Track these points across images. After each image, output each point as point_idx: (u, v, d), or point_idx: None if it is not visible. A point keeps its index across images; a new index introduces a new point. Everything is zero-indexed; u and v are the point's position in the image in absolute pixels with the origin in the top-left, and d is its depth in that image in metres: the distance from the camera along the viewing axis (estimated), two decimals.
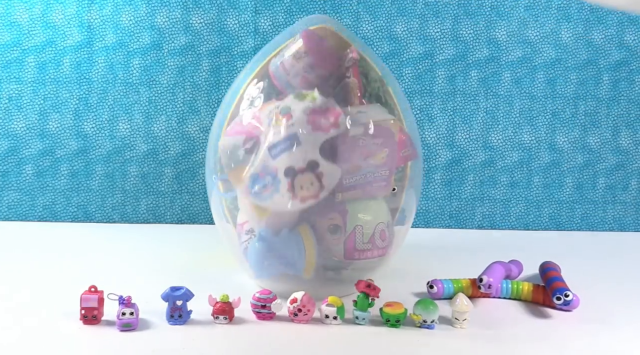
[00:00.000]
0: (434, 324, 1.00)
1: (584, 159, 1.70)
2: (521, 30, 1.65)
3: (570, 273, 1.25)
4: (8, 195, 1.58)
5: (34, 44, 1.55)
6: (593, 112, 1.69)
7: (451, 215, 1.69)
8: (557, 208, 1.71)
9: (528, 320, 1.06)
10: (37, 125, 1.57)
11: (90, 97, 1.58)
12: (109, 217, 1.61)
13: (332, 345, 0.94)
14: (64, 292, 1.08)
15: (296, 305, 0.99)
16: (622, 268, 1.40)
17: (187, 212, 1.63)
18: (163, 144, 1.60)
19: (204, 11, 1.58)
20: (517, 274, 1.24)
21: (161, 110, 1.60)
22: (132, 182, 1.61)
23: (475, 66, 1.65)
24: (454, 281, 1.14)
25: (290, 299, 1.00)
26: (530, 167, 1.69)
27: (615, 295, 1.20)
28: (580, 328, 1.04)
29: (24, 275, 1.19)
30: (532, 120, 1.68)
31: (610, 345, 0.98)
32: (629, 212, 1.73)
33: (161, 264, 1.28)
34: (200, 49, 1.59)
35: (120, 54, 1.57)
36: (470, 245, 1.52)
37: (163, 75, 1.59)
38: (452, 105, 1.66)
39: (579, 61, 1.67)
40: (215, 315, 0.99)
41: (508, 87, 1.67)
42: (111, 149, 1.59)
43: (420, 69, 1.64)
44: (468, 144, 1.67)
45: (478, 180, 1.69)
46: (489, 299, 1.15)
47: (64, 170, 1.59)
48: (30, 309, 1.02)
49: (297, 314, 0.99)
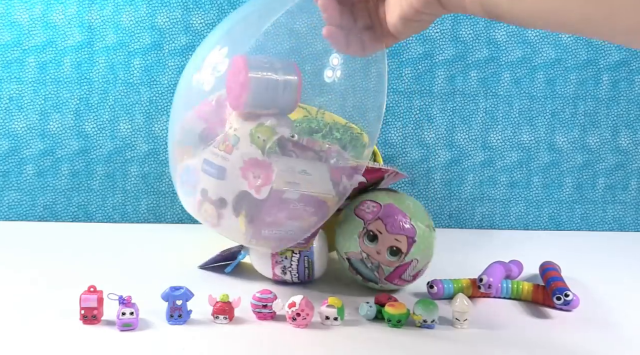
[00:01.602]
0: (434, 324, 1.01)
1: (583, 159, 1.71)
2: (521, 30, 1.65)
3: (570, 273, 1.26)
4: (8, 195, 1.58)
5: (34, 44, 1.55)
6: (593, 112, 1.69)
7: (451, 215, 1.69)
8: (556, 208, 1.71)
9: (528, 320, 1.07)
10: (37, 125, 1.57)
11: (91, 97, 1.58)
12: (110, 217, 1.61)
13: (333, 345, 0.94)
14: (64, 292, 1.09)
15: (295, 309, 0.98)
16: (622, 268, 1.40)
17: (187, 212, 1.63)
18: (164, 144, 1.60)
19: (205, 11, 1.58)
20: (517, 274, 1.24)
21: (162, 110, 1.60)
22: (133, 182, 1.61)
23: (474, 66, 1.65)
24: (454, 281, 1.14)
25: (289, 303, 0.99)
26: (529, 167, 1.70)
27: (615, 295, 1.21)
28: (581, 328, 1.04)
29: (24, 275, 1.19)
30: (532, 120, 1.68)
31: (611, 345, 0.98)
32: (628, 212, 1.73)
33: (161, 264, 1.28)
34: None
35: (121, 54, 1.57)
36: (470, 245, 1.52)
37: (164, 76, 1.59)
38: (452, 106, 1.66)
39: (579, 61, 1.67)
40: (215, 315, 0.99)
41: (507, 87, 1.67)
42: (112, 149, 1.60)
43: (419, 69, 1.64)
44: (467, 144, 1.67)
45: (477, 180, 1.69)
46: (489, 299, 1.15)
47: (65, 170, 1.59)
48: (30, 308, 1.02)
49: (295, 318, 0.99)
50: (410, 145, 1.66)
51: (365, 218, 1.12)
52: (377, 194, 1.15)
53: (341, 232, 1.15)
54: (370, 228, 1.10)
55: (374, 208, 1.12)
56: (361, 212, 1.13)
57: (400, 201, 1.13)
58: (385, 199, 1.13)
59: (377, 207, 1.12)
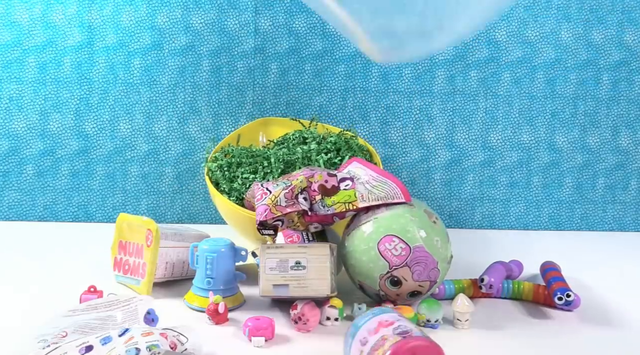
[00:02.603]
0: (437, 324, 1.01)
1: (583, 159, 1.71)
2: (521, 30, 1.65)
3: (570, 273, 1.26)
4: (9, 195, 1.58)
5: (34, 44, 1.55)
6: (592, 112, 1.69)
7: (451, 215, 1.69)
8: (556, 208, 1.71)
9: (529, 320, 1.07)
10: (37, 125, 1.57)
11: (91, 97, 1.58)
12: (110, 217, 1.61)
13: (334, 344, 0.94)
14: (64, 292, 1.08)
15: (296, 312, 0.98)
16: (622, 268, 1.40)
17: (187, 211, 1.63)
18: (164, 144, 1.60)
19: (204, 11, 1.58)
20: (517, 274, 1.24)
21: (162, 110, 1.60)
22: (133, 182, 1.61)
23: (474, 66, 1.65)
24: (455, 281, 1.14)
25: (292, 305, 1.00)
26: (529, 167, 1.70)
27: (615, 295, 1.21)
28: (581, 328, 1.04)
29: (25, 275, 1.19)
30: (532, 120, 1.68)
31: (611, 345, 0.98)
32: (628, 212, 1.73)
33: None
34: (200, 49, 1.59)
35: (121, 54, 1.57)
36: (470, 245, 1.52)
37: (164, 76, 1.59)
38: (452, 105, 1.66)
39: (579, 61, 1.67)
40: (208, 316, 1.00)
41: (507, 87, 1.67)
42: (112, 149, 1.60)
43: (420, 69, 1.64)
44: (467, 144, 1.67)
45: (477, 180, 1.69)
46: (490, 299, 1.15)
47: (65, 170, 1.59)
48: (30, 308, 1.02)
49: (297, 322, 0.98)
50: (410, 145, 1.66)
51: (391, 262, 1.02)
52: (407, 229, 1.03)
53: (359, 265, 1.06)
54: (395, 274, 1.02)
55: (403, 251, 1.02)
56: (387, 253, 1.03)
57: (429, 239, 1.04)
58: (416, 238, 1.03)
59: (405, 250, 1.02)
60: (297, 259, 1.00)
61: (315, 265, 0.99)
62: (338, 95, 1.63)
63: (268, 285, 0.99)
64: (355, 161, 1.22)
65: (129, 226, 1.16)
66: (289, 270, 0.99)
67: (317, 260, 0.99)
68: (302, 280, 0.99)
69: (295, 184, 1.11)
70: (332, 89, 1.63)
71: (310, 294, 0.99)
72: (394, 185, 1.11)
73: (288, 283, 0.99)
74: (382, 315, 0.83)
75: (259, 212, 1.09)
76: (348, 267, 1.08)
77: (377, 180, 1.12)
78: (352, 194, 1.09)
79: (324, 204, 1.09)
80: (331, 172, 1.13)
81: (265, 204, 1.09)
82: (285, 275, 1.00)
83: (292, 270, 0.99)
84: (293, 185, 1.10)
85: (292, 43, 1.61)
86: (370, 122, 1.64)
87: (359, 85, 1.63)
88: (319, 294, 0.99)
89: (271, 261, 1.00)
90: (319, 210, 1.10)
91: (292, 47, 1.61)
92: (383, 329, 0.79)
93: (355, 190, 1.10)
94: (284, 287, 0.99)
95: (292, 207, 1.08)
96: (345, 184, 1.11)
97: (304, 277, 0.99)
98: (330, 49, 1.61)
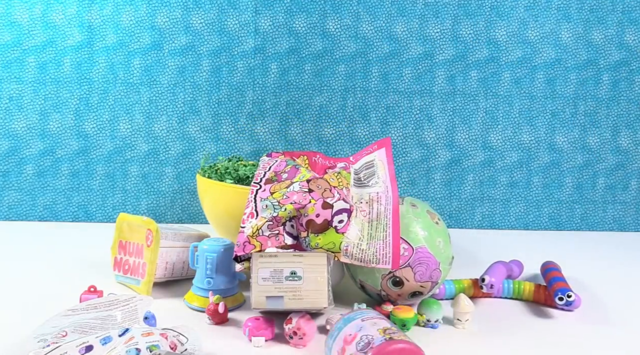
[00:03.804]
0: (437, 324, 1.01)
1: (583, 159, 1.71)
2: (521, 31, 1.65)
3: (570, 273, 1.26)
4: (9, 195, 1.58)
5: (34, 44, 1.55)
6: (593, 112, 1.70)
7: (451, 215, 1.69)
8: (556, 208, 1.71)
9: (529, 320, 1.07)
10: (37, 125, 1.57)
11: (91, 97, 1.58)
12: (110, 217, 1.61)
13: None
14: (64, 292, 1.08)
15: (291, 326, 0.92)
16: (622, 268, 1.40)
17: (187, 211, 1.63)
18: (164, 144, 1.60)
19: (204, 11, 1.58)
20: (518, 273, 1.24)
21: (162, 110, 1.60)
22: (133, 182, 1.61)
23: (475, 66, 1.65)
24: (456, 281, 1.14)
25: (286, 319, 0.94)
26: (529, 167, 1.70)
27: (616, 295, 1.21)
28: (581, 328, 1.04)
29: (25, 275, 1.19)
30: (532, 121, 1.68)
31: (611, 345, 0.98)
32: (628, 212, 1.73)
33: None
34: (200, 49, 1.59)
35: (121, 54, 1.57)
36: (470, 245, 1.52)
37: (163, 75, 1.59)
38: (452, 105, 1.66)
39: (579, 61, 1.67)
40: (208, 316, 1.00)
41: (508, 87, 1.67)
42: (112, 148, 1.60)
43: (420, 69, 1.64)
44: (468, 144, 1.67)
45: (478, 180, 1.69)
46: (490, 299, 1.15)
47: (65, 170, 1.59)
48: (30, 308, 1.02)
49: (292, 337, 0.92)
50: (410, 145, 1.66)
51: None
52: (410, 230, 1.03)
53: None
54: (397, 274, 1.02)
55: (405, 252, 1.01)
56: None
57: (431, 240, 1.03)
58: (418, 239, 1.02)
59: (408, 251, 1.01)
60: (292, 269, 0.93)
61: (312, 275, 0.93)
62: (338, 95, 1.63)
63: (261, 297, 0.92)
64: (385, 148, 1.13)
65: (129, 226, 1.16)
66: (284, 281, 0.93)
67: (314, 271, 0.93)
68: (298, 291, 0.92)
69: (282, 214, 1.01)
70: (332, 89, 1.63)
71: (306, 307, 0.92)
72: (390, 238, 1.01)
73: (282, 294, 0.92)
74: (345, 328, 0.80)
75: (238, 242, 1.00)
76: (350, 267, 1.08)
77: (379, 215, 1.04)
78: (338, 243, 1.00)
79: (308, 242, 1.01)
80: (328, 203, 1.02)
81: (246, 235, 1.00)
82: (280, 286, 0.93)
83: (287, 281, 0.93)
84: (279, 216, 1.01)
85: (292, 43, 1.61)
86: (370, 122, 1.64)
87: (359, 85, 1.63)
88: (315, 306, 0.92)
89: (264, 271, 0.93)
90: (303, 244, 1.02)
91: (292, 47, 1.61)
92: (348, 347, 0.77)
93: (343, 238, 1.01)
94: (279, 298, 0.92)
95: (274, 239, 1.00)
96: (339, 219, 1.02)
97: (300, 288, 0.93)
98: (330, 49, 1.61)
